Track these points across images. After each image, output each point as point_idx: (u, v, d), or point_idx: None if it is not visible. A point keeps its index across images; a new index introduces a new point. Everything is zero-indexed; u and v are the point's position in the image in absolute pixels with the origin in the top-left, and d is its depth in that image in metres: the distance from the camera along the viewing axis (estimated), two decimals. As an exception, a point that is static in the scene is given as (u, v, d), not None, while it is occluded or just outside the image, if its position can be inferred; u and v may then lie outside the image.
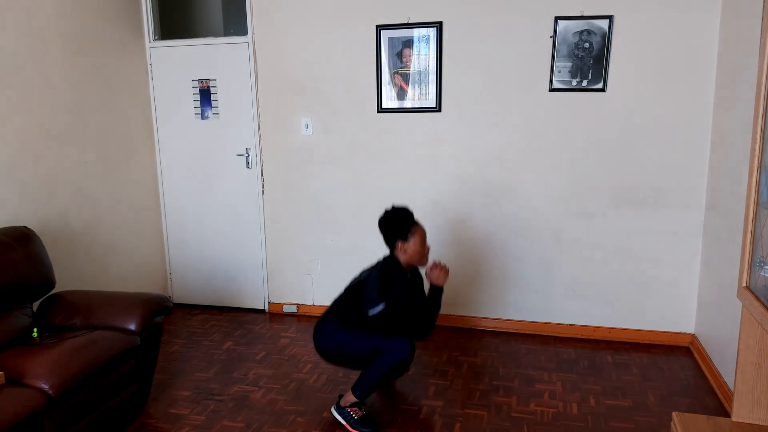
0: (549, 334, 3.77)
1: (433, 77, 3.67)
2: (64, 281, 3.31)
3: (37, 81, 3.20)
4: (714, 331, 3.16)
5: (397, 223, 2.75)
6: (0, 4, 2.96)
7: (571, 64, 3.44)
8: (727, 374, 2.88)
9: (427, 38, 3.63)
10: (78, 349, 2.41)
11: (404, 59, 3.70)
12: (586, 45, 3.39)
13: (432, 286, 2.79)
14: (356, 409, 2.70)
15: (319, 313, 4.14)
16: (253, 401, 2.96)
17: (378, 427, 2.70)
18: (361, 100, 3.82)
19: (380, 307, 2.67)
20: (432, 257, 2.82)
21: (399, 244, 2.74)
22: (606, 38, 3.36)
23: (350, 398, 2.71)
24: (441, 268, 2.79)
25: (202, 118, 4.15)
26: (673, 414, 1.82)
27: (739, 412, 1.75)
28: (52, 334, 2.64)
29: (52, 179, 3.31)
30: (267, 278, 4.25)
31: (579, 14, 3.37)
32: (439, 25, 3.59)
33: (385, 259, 2.81)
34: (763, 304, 1.54)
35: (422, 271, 2.92)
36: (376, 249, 3.86)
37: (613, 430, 2.67)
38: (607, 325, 3.69)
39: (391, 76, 3.74)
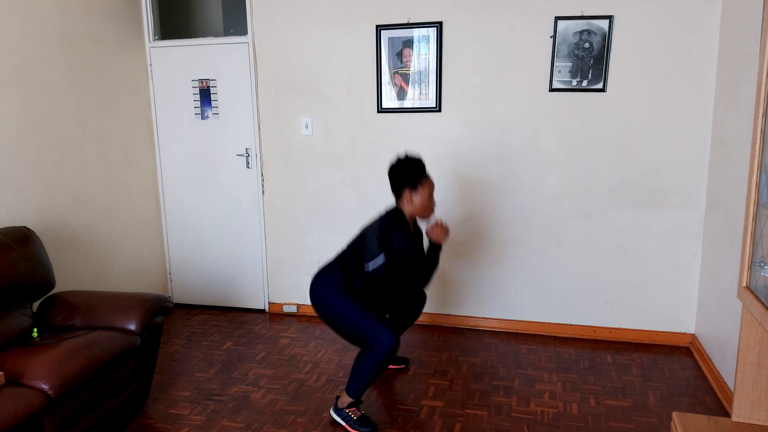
0: (549, 334, 3.77)
1: (433, 77, 3.67)
2: (64, 281, 3.31)
3: (37, 81, 3.20)
4: (714, 331, 3.16)
5: (409, 171, 2.71)
6: (0, 4, 2.96)
7: (571, 64, 3.44)
8: (727, 374, 2.88)
9: (427, 38, 3.63)
10: (78, 350, 2.41)
11: (404, 59, 3.70)
12: (586, 45, 3.39)
13: (431, 243, 2.78)
14: (354, 409, 2.70)
15: (319, 313, 4.15)
16: (253, 401, 2.96)
17: (377, 427, 2.70)
18: (361, 100, 3.82)
19: (380, 260, 2.65)
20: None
21: (406, 193, 2.71)
22: (606, 38, 3.36)
23: (346, 399, 2.71)
24: (442, 227, 2.77)
25: (202, 118, 4.15)
26: (673, 414, 1.82)
27: (739, 412, 1.75)
28: (52, 334, 2.64)
29: (52, 179, 3.31)
30: (267, 278, 4.25)
31: (579, 14, 3.38)
32: (439, 25, 3.59)
33: (389, 210, 2.78)
34: (763, 304, 1.54)
35: (423, 227, 2.92)
36: (376, 249, 3.87)
37: (613, 430, 2.67)
38: (607, 325, 3.69)
39: (391, 76, 3.74)
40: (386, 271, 2.68)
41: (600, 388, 3.07)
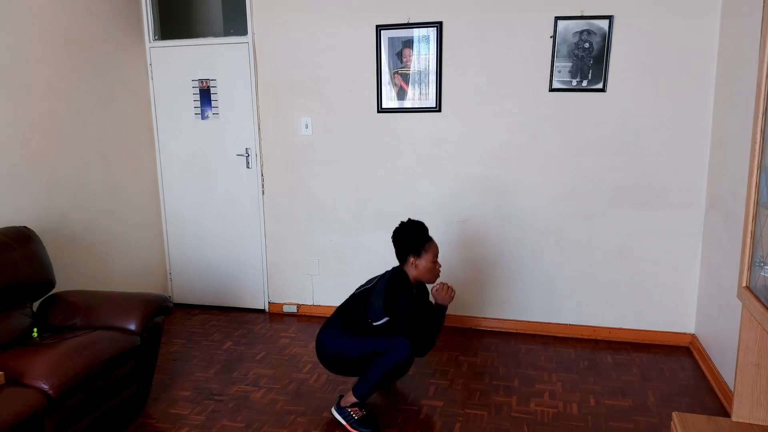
0: (549, 334, 3.77)
1: (433, 77, 3.67)
2: (64, 281, 3.31)
3: (37, 81, 3.20)
4: (714, 331, 3.16)
5: (412, 238, 2.74)
6: (0, 4, 2.96)
7: (571, 64, 3.44)
8: (727, 374, 2.88)
9: (427, 38, 3.63)
10: (78, 349, 2.41)
11: (404, 59, 3.70)
12: (586, 45, 3.39)
13: (437, 304, 2.80)
14: (356, 409, 2.70)
15: (319, 313, 4.15)
16: (253, 401, 2.96)
17: (378, 427, 2.70)
18: (361, 100, 3.82)
19: (383, 321, 2.68)
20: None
21: (411, 259, 2.74)
22: (606, 38, 3.36)
23: (351, 399, 2.71)
24: (448, 288, 2.78)
25: (202, 118, 4.15)
26: (673, 414, 1.82)
27: (739, 412, 1.75)
28: (52, 334, 2.64)
29: (52, 179, 3.31)
30: (267, 278, 4.25)
31: (579, 14, 3.38)
32: (439, 25, 3.59)
33: (394, 270, 2.80)
34: (763, 304, 1.54)
35: (428, 287, 2.93)
36: (377, 249, 3.88)
37: (613, 430, 2.67)
38: (607, 325, 3.69)
39: (391, 76, 3.74)
40: (389, 331, 2.70)
41: (600, 387, 3.07)
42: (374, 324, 2.69)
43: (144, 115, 4.16)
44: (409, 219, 2.81)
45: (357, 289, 2.89)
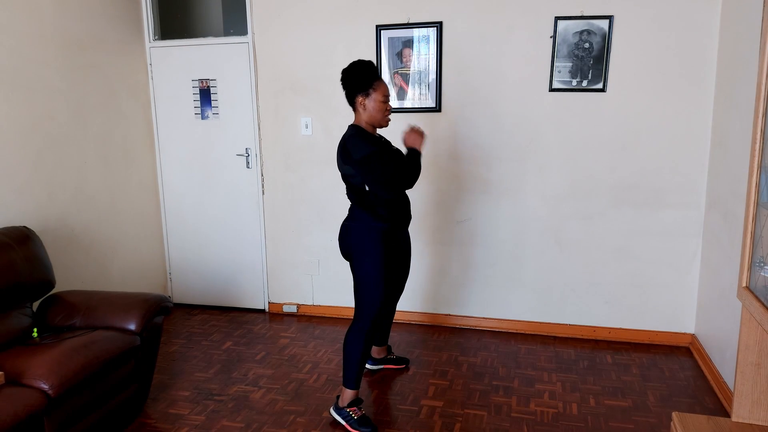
0: (549, 334, 3.77)
1: (433, 77, 3.67)
2: (64, 281, 3.31)
3: (37, 81, 3.20)
4: (714, 331, 3.16)
5: (360, 75, 2.60)
6: (0, 4, 2.96)
7: (571, 64, 3.44)
8: (727, 374, 2.88)
9: (427, 38, 3.63)
10: (78, 349, 2.41)
11: (404, 59, 3.70)
12: (586, 45, 3.39)
13: (409, 150, 2.70)
14: (355, 408, 2.71)
15: (319, 313, 4.16)
16: (253, 401, 2.96)
17: (377, 427, 2.70)
18: (361, 100, 3.82)
19: (357, 176, 2.60)
20: (434, 258, 2.82)
21: (359, 99, 2.62)
22: (606, 38, 3.36)
23: (346, 395, 2.72)
24: (417, 131, 2.70)
25: (202, 118, 4.15)
26: (673, 414, 1.82)
27: (739, 412, 1.75)
28: (52, 334, 2.64)
29: (52, 179, 3.31)
30: (267, 278, 4.25)
31: (579, 14, 3.37)
32: (439, 25, 3.59)
33: (348, 128, 2.70)
34: (763, 304, 1.54)
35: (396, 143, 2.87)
36: (376, 249, 3.87)
37: (613, 430, 2.67)
38: (607, 325, 3.69)
39: (391, 76, 3.74)
40: (375, 181, 2.59)
41: (600, 388, 3.07)
42: (366, 187, 2.61)
43: (144, 115, 4.16)
44: (359, 59, 2.70)
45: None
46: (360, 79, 2.62)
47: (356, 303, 2.73)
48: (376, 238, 2.66)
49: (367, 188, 2.64)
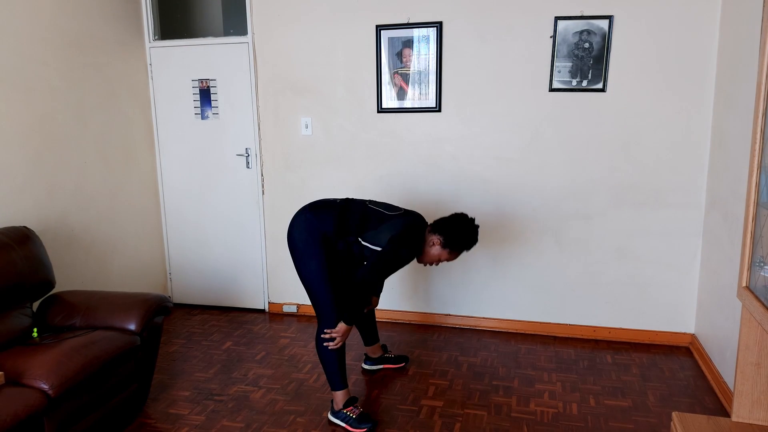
0: (549, 334, 3.77)
1: (433, 77, 3.67)
2: (64, 281, 3.31)
3: (37, 81, 3.20)
4: (714, 331, 3.16)
5: (465, 239, 2.63)
6: (0, 4, 2.96)
7: (571, 64, 3.44)
8: (727, 374, 2.88)
9: (427, 38, 3.63)
10: (78, 349, 2.41)
11: (404, 59, 3.70)
12: (586, 45, 3.39)
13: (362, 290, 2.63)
14: (351, 408, 2.71)
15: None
16: (253, 401, 2.96)
17: (377, 423, 2.70)
18: (361, 100, 3.82)
19: (376, 249, 2.60)
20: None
21: (438, 240, 2.64)
22: (606, 38, 3.36)
23: (338, 398, 2.72)
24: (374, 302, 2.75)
25: (202, 118, 4.15)
26: (673, 414, 1.82)
27: (739, 412, 1.75)
28: (51, 334, 2.64)
29: (52, 179, 3.31)
30: (267, 278, 4.25)
31: (579, 14, 3.38)
32: (439, 25, 3.59)
33: (422, 221, 2.71)
34: (763, 304, 1.54)
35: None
36: (376, 249, 3.87)
37: (613, 430, 2.67)
38: (607, 325, 3.69)
39: (391, 76, 3.74)
40: (371, 261, 2.60)
41: (600, 388, 3.07)
42: (365, 244, 2.61)
43: (144, 115, 4.16)
44: (476, 224, 2.71)
45: (368, 204, 2.75)
46: (463, 240, 2.63)
47: (312, 305, 2.72)
48: (318, 238, 2.64)
49: (361, 242, 2.63)
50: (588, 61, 3.41)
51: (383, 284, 2.92)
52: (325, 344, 2.70)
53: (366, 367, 3.29)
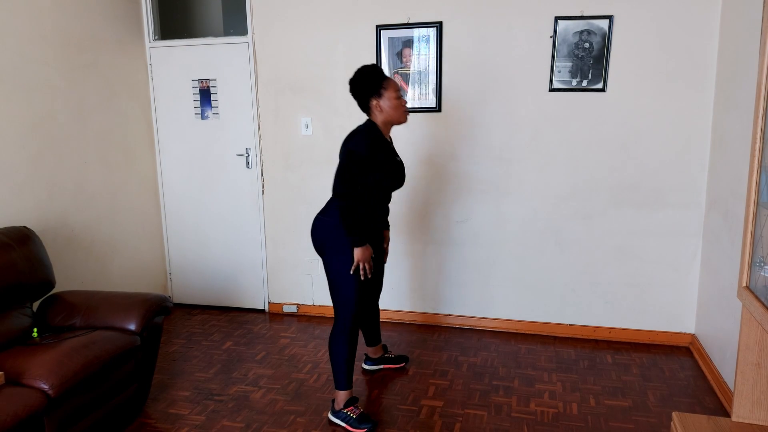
0: (549, 334, 3.77)
1: (433, 77, 3.67)
2: (64, 281, 3.31)
3: (37, 81, 3.20)
4: (714, 331, 3.16)
5: (368, 79, 2.61)
6: (0, 4, 2.96)
7: (571, 64, 3.44)
8: (727, 374, 2.88)
9: (427, 38, 3.63)
10: (78, 349, 2.41)
11: (404, 59, 3.70)
12: (586, 45, 3.39)
13: (353, 239, 2.57)
14: (352, 408, 2.71)
15: (319, 313, 4.16)
16: (253, 401, 2.96)
17: (377, 423, 2.70)
18: (361, 100, 3.82)
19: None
20: (434, 258, 2.80)
21: (373, 103, 2.62)
22: (606, 38, 3.36)
23: (340, 397, 2.72)
24: (366, 266, 2.63)
25: (202, 118, 4.15)
26: (673, 414, 1.82)
27: (739, 412, 1.75)
28: (52, 334, 2.64)
29: (52, 179, 3.31)
30: (267, 278, 4.25)
31: (579, 14, 3.37)
32: (439, 25, 3.59)
33: (365, 122, 2.68)
34: (763, 304, 1.54)
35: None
36: (376, 249, 3.87)
37: (613, 430, 2.67)
38: (607, 325, 3.69)
39: (391, 76, 3.73)
40: (337, 176, 2.55)
41: (600, 388, 3.07)
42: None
43: (144, 115, 4.16)
44: (362, 65, 2.70)
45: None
46: (369, 82, 2.62)
47: (333, 303, 2.73)
48: (345, 234, 2.60)
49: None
50: (588, 61, 3.41)
51: (383, 270, 2.95)
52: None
53: (366, 367, 3.29)
